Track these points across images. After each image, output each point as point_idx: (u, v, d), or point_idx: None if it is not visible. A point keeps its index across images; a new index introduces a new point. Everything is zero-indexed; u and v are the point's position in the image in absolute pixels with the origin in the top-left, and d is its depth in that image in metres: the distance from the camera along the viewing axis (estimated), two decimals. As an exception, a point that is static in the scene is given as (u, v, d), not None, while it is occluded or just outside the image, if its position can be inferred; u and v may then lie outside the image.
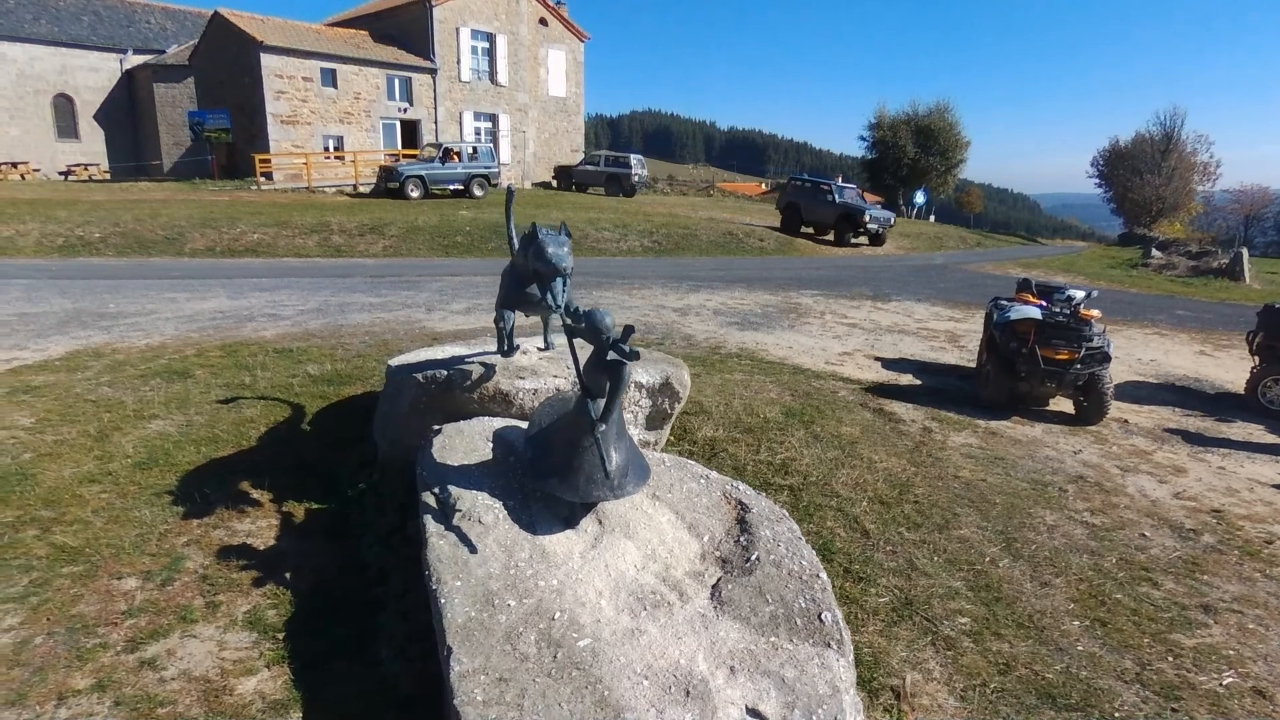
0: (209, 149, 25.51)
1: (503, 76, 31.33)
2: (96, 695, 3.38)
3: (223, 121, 25.22)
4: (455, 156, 24.30)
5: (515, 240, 5.86)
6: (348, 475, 5.37)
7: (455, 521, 3.77)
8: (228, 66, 25.41)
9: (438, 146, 24.68)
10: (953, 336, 11.66)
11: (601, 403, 3.69)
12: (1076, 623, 4.41)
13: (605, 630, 3.17)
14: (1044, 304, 8.11)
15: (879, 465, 6.24)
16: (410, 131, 29.05)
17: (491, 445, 4.43)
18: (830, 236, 25.28)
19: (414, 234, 17.71)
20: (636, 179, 31.12)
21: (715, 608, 3.38)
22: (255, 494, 5.15)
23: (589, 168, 31.69)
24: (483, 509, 3.85)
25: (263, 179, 23.86)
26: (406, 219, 18.59)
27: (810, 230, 25.80)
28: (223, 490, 5.18)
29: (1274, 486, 6.49)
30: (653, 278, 15.57)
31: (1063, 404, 8.21)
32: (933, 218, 50.99)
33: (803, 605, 3.41)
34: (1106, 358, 7.49)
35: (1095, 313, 7.94)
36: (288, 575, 4.32)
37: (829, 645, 3.20)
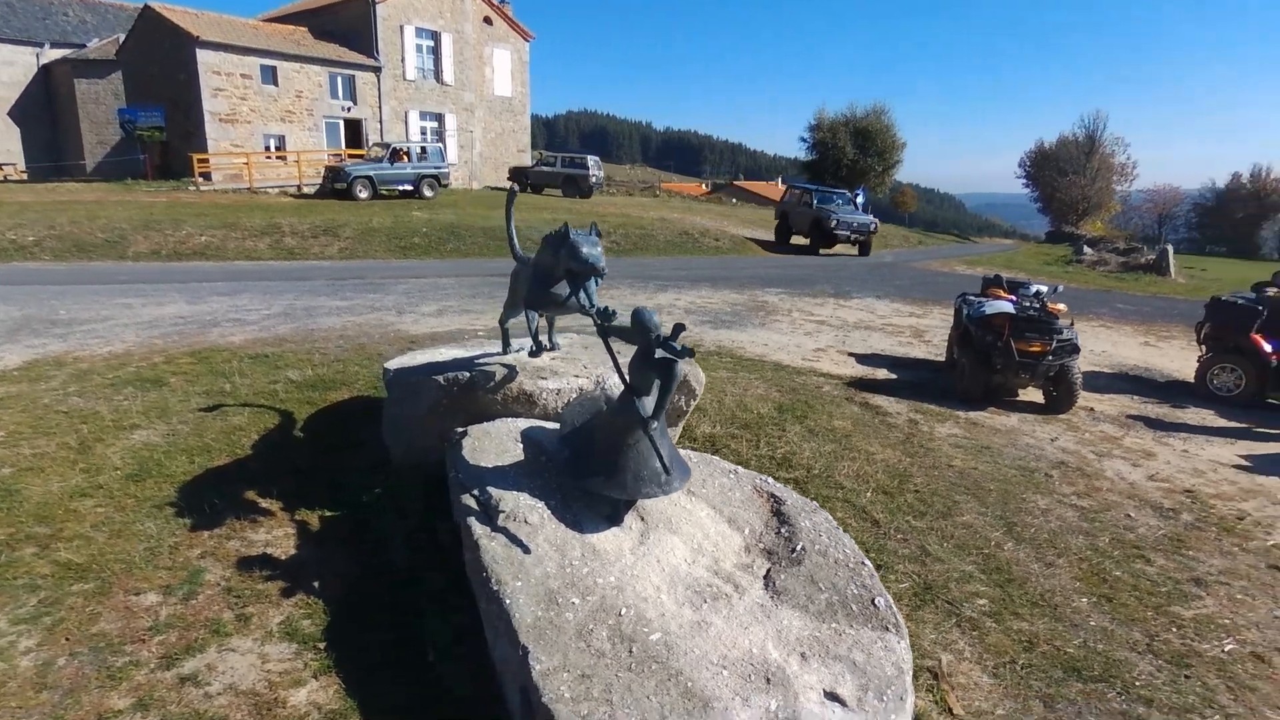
0: (141, 148, 24.38)
1: (448, 75, 30.87)
2: (140, 715, 3.26)
3: (156, 119, 24.11)
4: (404, 156, 23.84)
5: (515, 242, 5.86)
6: (357, 481, 5.26)
7: (501, 523, 3.75)
8: (160, 62, 24.34)
9: (385, 146, 24.17)
10: (917, 332, 12.04)
11: (650, 400, 3.72)
12: (1084, 599, 4.65)
13: (672, 624, 3.21)
14: (1014, 299, 8.47)
15: (876, 457, 6.43)
16: (354, 131, 28.36)
17: (522, 446, 4.42)
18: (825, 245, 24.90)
19: (369, 236, 17.32)
20: (594, 180, 31.05)
21: (772, 598, 3.46)
22: (263, 503, 5.00)
23: (545, 169, 31.29)
24: (526, 509, 3.84)
25: (201, 179, 22.96)
26: (360, 220, 18.16)
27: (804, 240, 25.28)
28: (228, 500, 5.02)
29: (1234, 467, 6.93)
30: (618, 278, 15.59)
31: (1032, 394, 8.58)
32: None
33: (855, 592, 3.52)
34: (1076, 349, 7.87)
35: (1061, 306, 8.34)
36: (315, 584, 4.21)
37: (887, 629, 3.31)
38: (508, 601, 3.22)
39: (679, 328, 3.60)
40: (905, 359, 10.27)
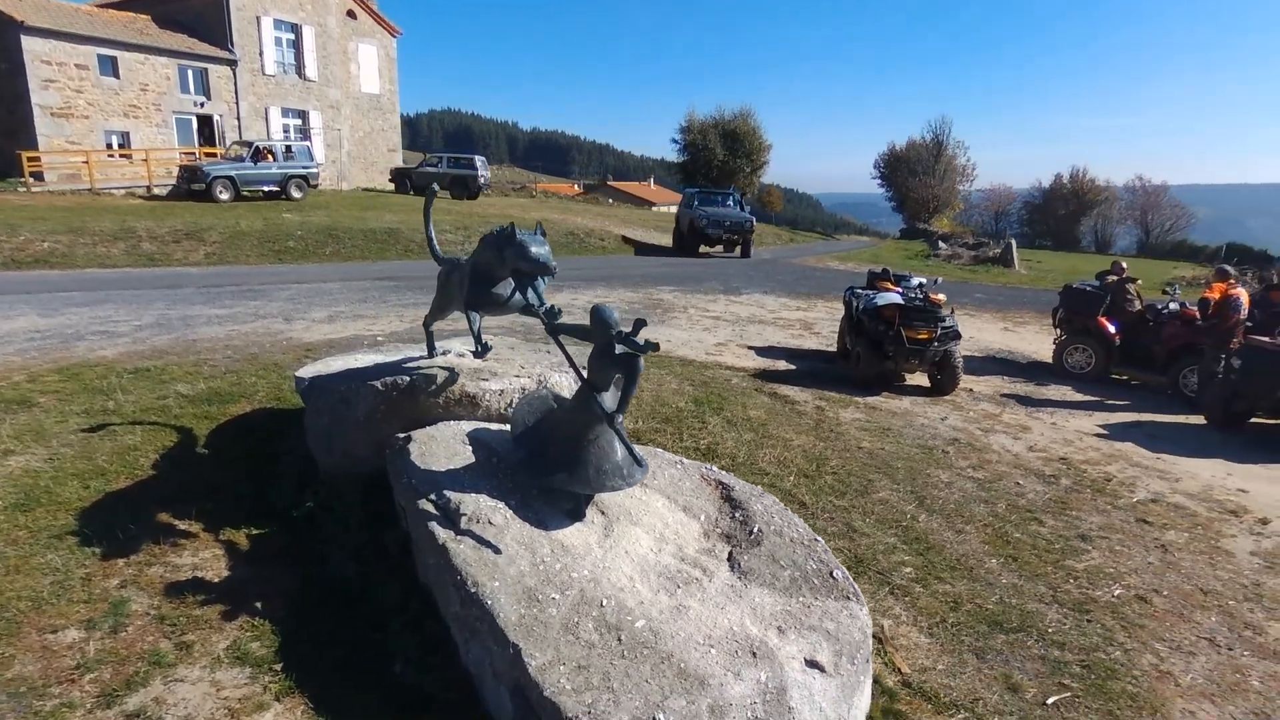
0: (-45, 144, 21.65)
1: (311, 71, 29.29)
2: (86, 759, 3.00)
3: (-27, 113, 21.49)
4: (269, 156, 22.45)
5: (435, 243, 5.76)
6: (283, 495, 5.00)
7: (464, 526, 3.71)
8: (-26, 49, 21.68)
9: (247, 145, 22.66)
10: (806, 324, 12.68)
11: (609, 395, 3.79)
12: (994, 560, 5.12)
13: (652, 610, 3.30)
14: (900, 291, 9.11)
15: (793, 443, 6.77)
16: (209, 129, 26.38)
17: (471, 448, 4.37)
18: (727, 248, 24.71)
19: (238, 240, 16.22)
20: (482, 181, 30.37)
21: (740, 578, 3.62)
22: (181, 524, 4.68)
23: (430, 169, 30.20)
24: (488, 510, 3.82)
25: (32, 179, 20.67)
26: (226, 224, 16.97)
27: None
28: (139, 524, 4.65)
29: (1095, 435, 7.79)
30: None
31: (917, 379, 9.26)
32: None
33: (814, 566, 3.74)
34: (958, 335, 8.58)
35: (941, 297, 9.06)
36: (258, 604, 4.00)
37: (849, 598, 3.55)
38: (489, 602, 3.20)
39: (640, 323, 3.68)
40: (799, 350, 10.80)
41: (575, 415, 3.90)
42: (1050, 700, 3.77)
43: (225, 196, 21.29)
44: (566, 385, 5.06)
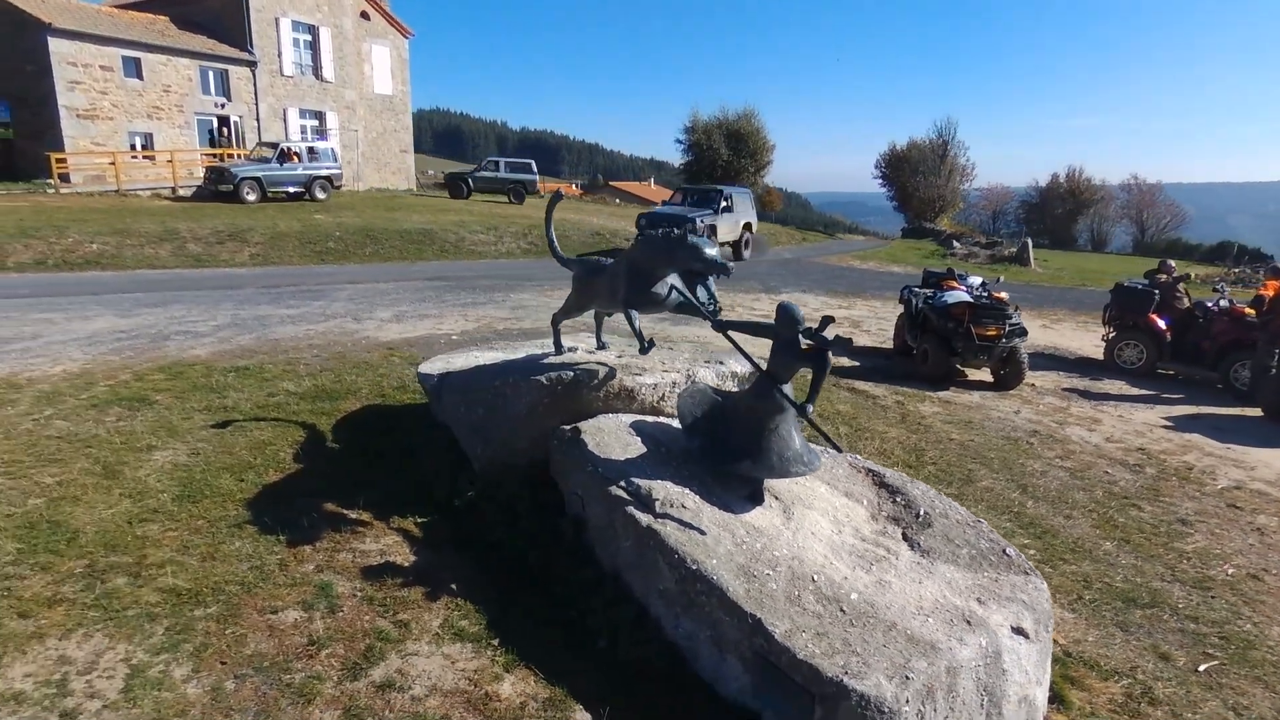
0: (-19, 146, 21.66)
1: (328, 72, 29.39)
2: (356, 725, 3.24)
3: (0, 114, 21.46)
4: (294, 157, 22.58)
5: (556, 244, 6.03)
6: (440, 486, 5.23)
7: (660, 510, 3.96)
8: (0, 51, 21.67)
9: (273, 146, 22.78)
10: (854, 322, 12.97)
11: (790, 388, 4.06)
12: (1108, 543, 5.42)
13: (858, 584, 3.57)
14: (967, 289, 9.42)
15: (889, 435, 7.06)
16: (229, 129, 26.44)
17: (639, 439, 4.62)
18: None
19: (280, 241, 16.37)
20: (535, 187, 31.82)
21: (923, 556, 3.89)
22: (351, 514, 4.91)
23: (488, 174, 30.89)
24: (677, 496, 4.07)
25: (60, 181, 20.72)
26: (265, 225, 17.11)
27: None
28: (308, 514, 4.88)
29: (1163, 427, 8.11)
30: (556, 279, 15.67)
31: (979, 375, 9.55)
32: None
33: (986, 545, 4.01)
34: (1024, 332, 8.89)
35: (1004, 295, 9.36)
36: (453, 586, 4.23)
37: (1027, 573, 3.82)
38: (714, 578, 3.46)
39: (828, 319, 3.95)
40: (855, 347, 11.08)
41: (756, 406, 4.15)
42: (1202, 668, 4.06)
43: (252, 198, 21.41)
44: (711, 379, 5.32)
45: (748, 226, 22.66)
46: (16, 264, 13.42)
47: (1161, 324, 10.07)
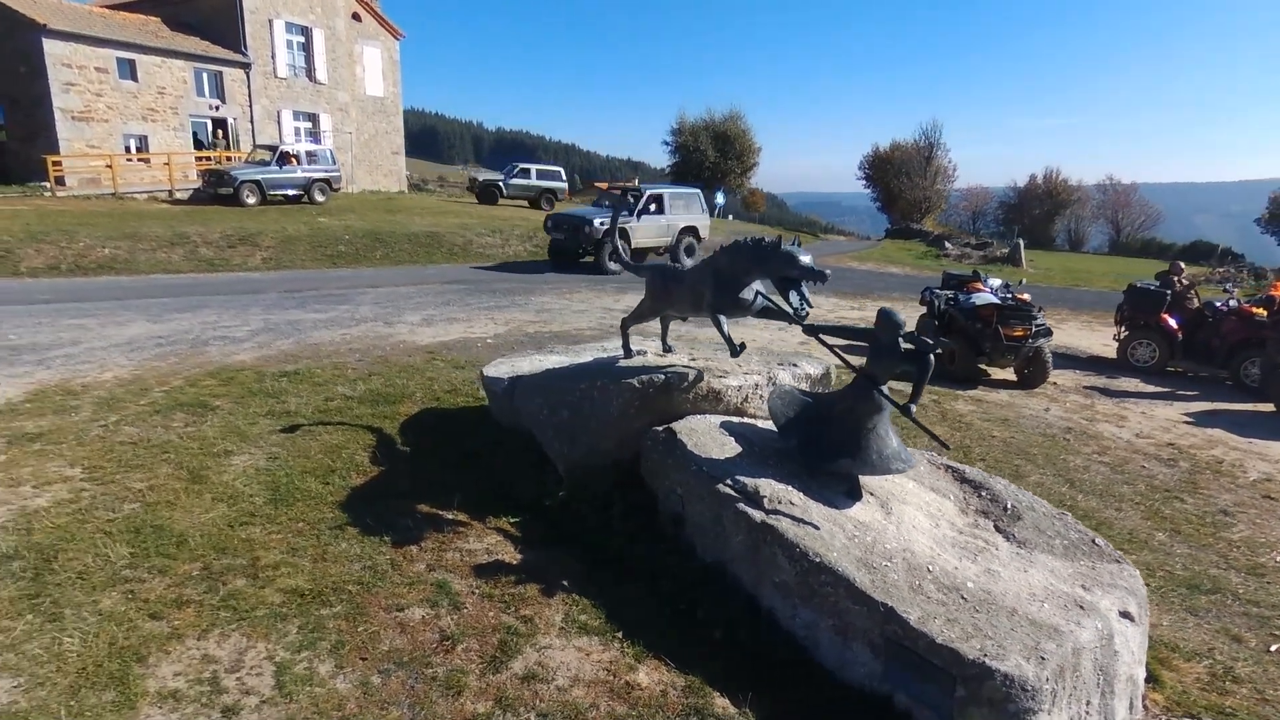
0: (-26, 149, 21.28)
1: (321, 73, 29.22)
2: (508, 714, 3.40)
3: (-7, 116, 21.14)
4: (294, 160, 22.48)
5: (622, 251, 6.20)
6: (527, 486, 5.37)
7: (770, 506, 4.15)
8: (-9, 52, 21.34)
9: (271, 149, 22.66)
10: (869, 323, 13.20)
11: (884, 389, 4.27)
12: (1160, 534, 5.69)
13: (969, 573, 3.79)
14: (991, 291, 9.71)
15: (934, 432, 7.29)
16: (223, 131, 26.20)
17: (732, 439, 4.81)
18: None
19: (290, 244, 16.34)
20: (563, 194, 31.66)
21: (1020, 547, 4.12)
22: (447, 514, 5.05)
23: (520, 181, 30.63)
24: (782, 492, 4.26)
25: (55, 184, 20.44)
26: (275, 229, 17.07)
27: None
28: (404, 515, 5.02)
29: (1185, 423, 8.44)
30: (569, 281, 15.81)
31: (998, 373, 9.85)
32: (730, 217, 55.09)
33: (1076, 535, 4.25)
34: (1049, 333, 9.20)
35: (1026, 296, 9.67)
36: (564, 582, 4.39)
37: (1119, 561, 4.06)
38: (840, 569, 3.65)
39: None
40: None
41: (855, 406, 4.36)
42: (1274, 648, 4.33)
43: (252, 201, 21.29)
44: (788, 380, 5.52)
45: (690, 231, 19.11)
46: (30, 269, 13.31)
47: (1173, 323, 10.44)
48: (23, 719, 3.22)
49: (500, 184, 30.42)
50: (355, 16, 32.02)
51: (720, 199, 53.41)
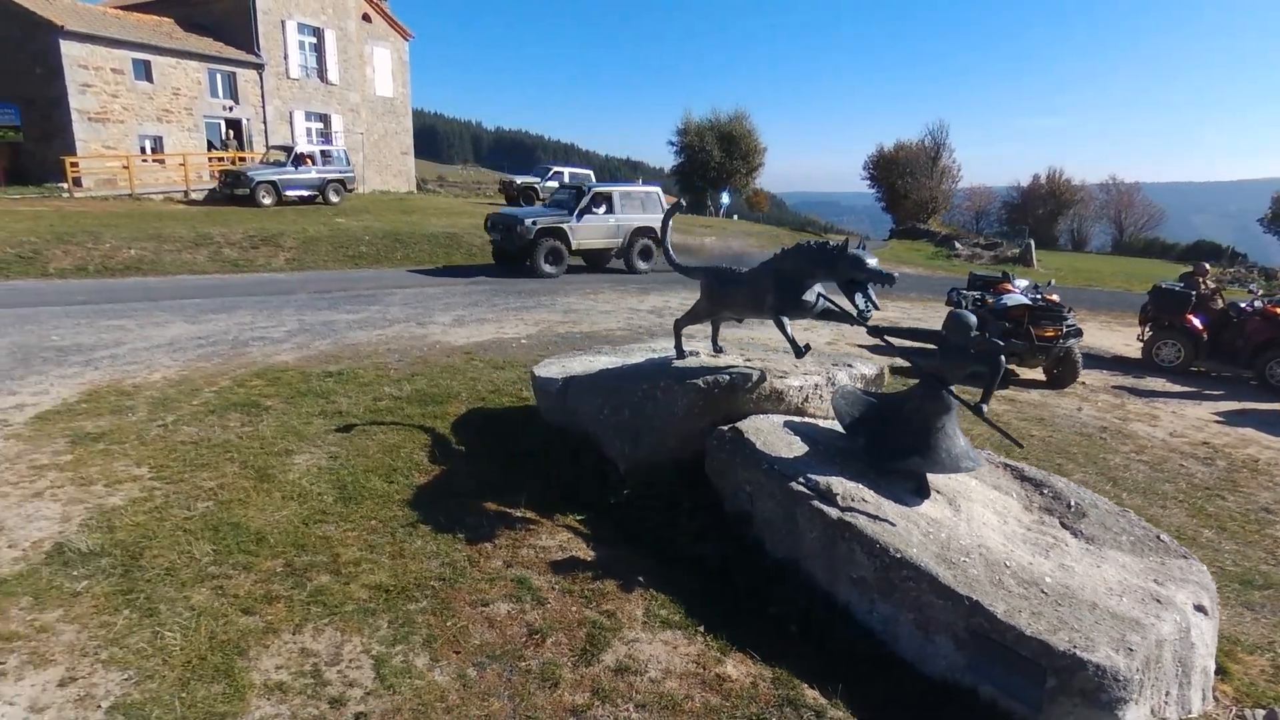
0: (-9, 150, 21.36)
1: (333, 74, 29.32)
2: (604, 705, 3.50)
3: (11, 118, 21.12)
4: (309, 160, 22.58)
5: (673, 253, 6.31)
6: (590, 484, 5.48)
7: (844, 503, 4.26)
8: (8, 54, 21.31)
9: (286, 150, 22.75)
10: (891, 323, 13.33)
11: (954, 389, 4.38)
12: (1207, 531, 5.80)
13: (1044, 568, 3.89)
14: (1021, 291, 9.82)
15: (973, 432, 7.38)
16: (236, 132, 26.30)
17: (798, 438, 4.91)
18: None
19: (312, 245, 16.44)
20: None
21: (1088, 543, 4.23)
22: (515, 513, 5.15)
23: (555, 183, 29.25)
24: (853, 490, 4.37)
25: (73, 185, 20.53)
26: (296, 230, 17.16)
27: None
28: (475, 513, 5.12)
29: (1216, 422, 8.55)
30: (592, 281, 15.91)
31: (1027, 373, 9.95)
32: (735, 216, 55.21)
33: (1141, 532, 4.36)
34: (1079, 333, 9.31)
35: (1055, 297, 9.78)
36: (639, 578, 4.49)
37: (1186, 557, 4.17)
38: (922, 564, 3.76)
39: (996, 326, 4.27)
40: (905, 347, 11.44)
41: (923, 405, 4.47)
42: (1333, 642, 4.43)
43: (268, 201, 21.39)
44: (845, 380, 5.63)
45: (646, 233, 17.55)
46: (58, 270, 13.41)
47: (1198, 323, 10.55)
48: (139, 710, 3.32)
49: (537, 187, 29.96)
50: (365, 17, 32.13)
51: (725, 199, 53.62)
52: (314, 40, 28.57)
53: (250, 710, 3.38)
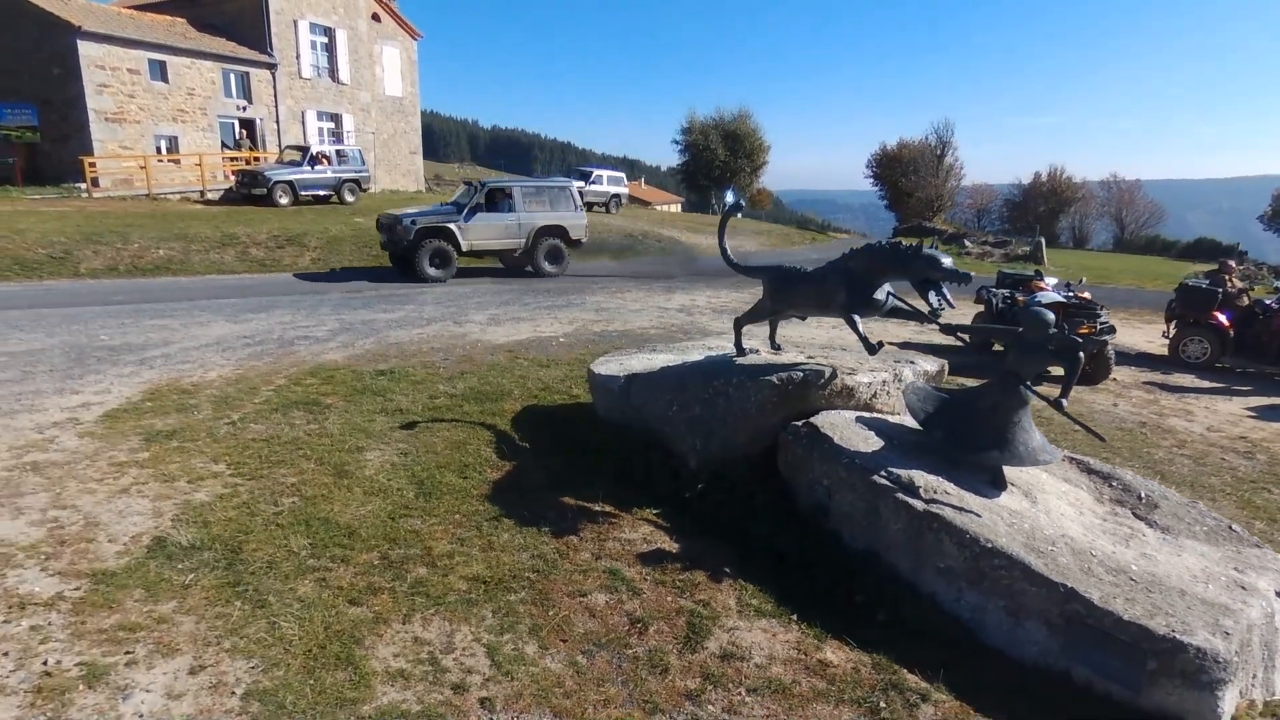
0: (8, 150, 21.35)
1: (344, 74, 29.38)
2: (715, 689, 3.64)
3: (27, 118, 21.17)
4: (325, 160, 22.67)
5: (730, 253, 6.45)
6: (662, 478, 5.61)
7: (927, 495, 4.41)
8: (25, 54, 21.40)
9: (302, 150, 22.84)
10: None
11: (1028, 385, 4.53)
12: (1259, 523, 5.94)
13: (1127, 557, 4.04)
14: (1054, 289, 9.97)
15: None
16: (248, 132, 26.38)
17: (871, 432, 5.06)
18: None
19: (336, 245, 16.56)
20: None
21: (1164, 533, 4.38)
22: (595, 506, 5.28)
23: (594, 187, 31.42)
24: (934, 483, 4.52)
25: (91, 185, 20.60)
26: (319, 230, 17.28)
27: None
28: (555, 508, 5.26)
29: (1251, 418, 8.71)
30: (616, 280, 16.05)
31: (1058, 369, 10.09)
32: (739, 215, 55.41)
33: (1213, 523, 4.51)
34: (1112, 330, 9.46)
35: (1086, 295, 9.94)
36: (726, 569, 4.63)
37: (1258, 546, 4.33)
38: (1014, 553, 3.91)
39: (1077, 322, 4.42)
40: (930, 345, 11.60)
41: (1000, 401, 4.61)
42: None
43: (285, 201, 21.48)
44: (909, 376, 5.77)
45: (550, 232, 16.36)
46: (89, 270, 13.52)
47: (1224, 320, 10.72)
48: (272, 696, 3.45)
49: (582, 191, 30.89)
50: (375, 17, 32.18)
51: (730, 197, 53.78)
52: (325, 40, 28.64)
53: (377, 696, 3.51)
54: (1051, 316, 4.49)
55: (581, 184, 30.85)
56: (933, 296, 4.94)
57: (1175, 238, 53.20)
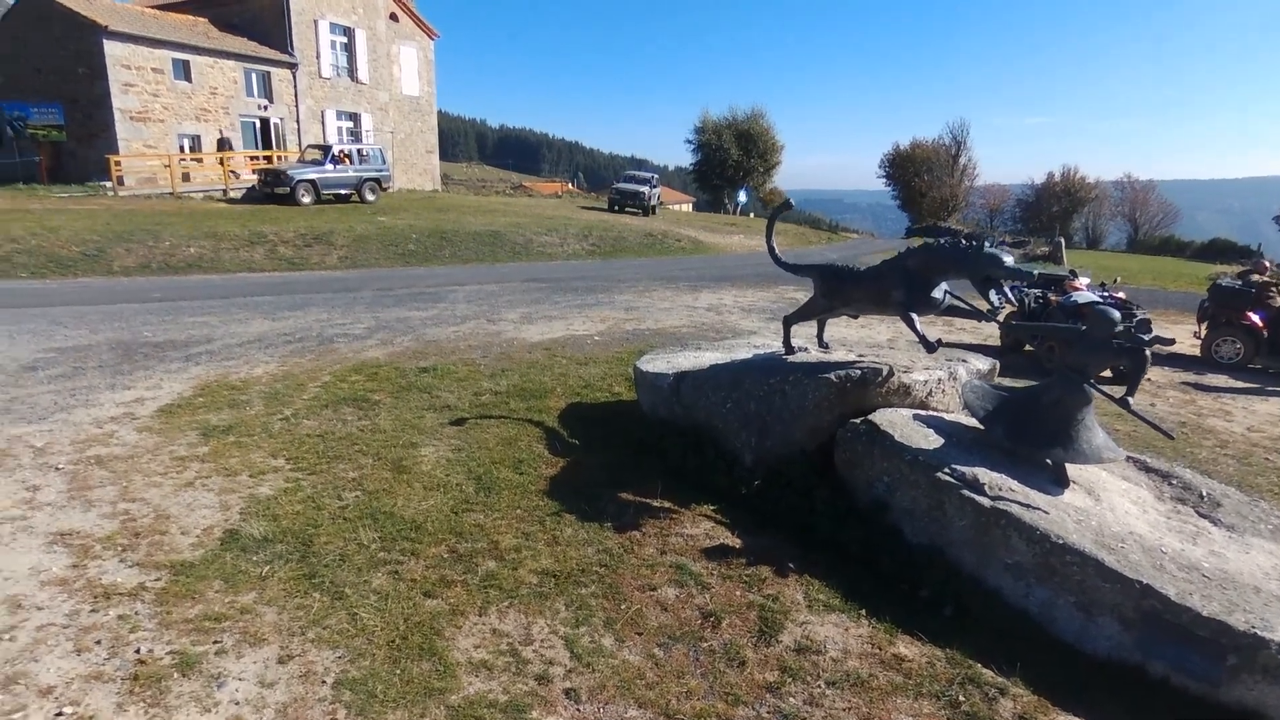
0: (35, 149, 21.58)
1: (363, 73, 29.54)
2: (794, 682, 3.69)
3: (54, 117, 21.37)
4: (346, 159, 22.81)
5: (776, 249, 6.50)
6: (719, 474, 5.66)
7: (992, 492, 4.44)
8: (51, 54, 21.62)
9: (324, 149, 22.98)
10: (947, 322, 13.49)
11: (1093, 384, 4.56)
12: (1310, 523, 5.96)
13: (1196, 554, 4.07)
14: (1089, 289, 9.98)
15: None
16: (268, 131, 26.57)
17: (931, 430, 5.10)
18: None
19: (363, 244, 16.67)
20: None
21: (1228, 531, 4.40)
22: (654, 503, 5.33)
23: (630, 186, 32.47)
24: (997, 480, 4.55)
25: (116, 184, 20.80)
26: (345, 229, 17.41)
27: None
28: (615, 503, 5.32)
29: (1288, 417, 8.71)
30: (641, 279, 16.10)
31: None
32: (752, 214, 55.34)
33: (1277, 521, 4.53)
34: (1149, 328, 9.45)
35: (1121, 294, 9.94)
36: (790, 565, 4.68)
37: (1325, 545, 4.34)
38: (1085, 549, 3.95)
39: (1146, 322, 4.46)
40: (960, 344, 11.62)
41: (1064, 398, 4.65)
42: None
43: (307, 200, 21.62)
44: (963, 375, 5.81)
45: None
46: (122, 268, 13.65)
47: (1258, 320, 10.70)
48: (363, 685, 3.52)
49: (614, 190, 32.61)
50: (393, 17, 32.35)
51: (742, 197, 53.78)
52: (345, 40, 28.80)
53: (463, 686, 3.58)
54: (1118, 316, 4.52)
55: (631, 186, 32.69)
56: (994, 295, 4.98)
57: (1189, 238, 52.94)
